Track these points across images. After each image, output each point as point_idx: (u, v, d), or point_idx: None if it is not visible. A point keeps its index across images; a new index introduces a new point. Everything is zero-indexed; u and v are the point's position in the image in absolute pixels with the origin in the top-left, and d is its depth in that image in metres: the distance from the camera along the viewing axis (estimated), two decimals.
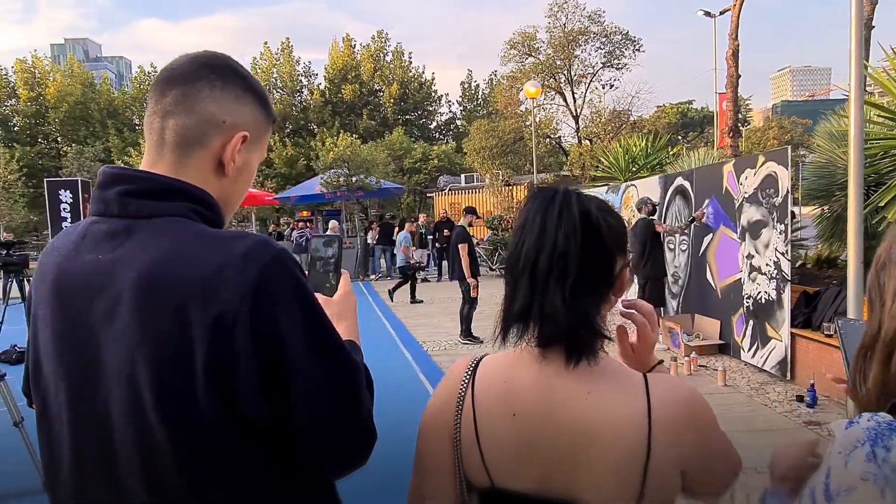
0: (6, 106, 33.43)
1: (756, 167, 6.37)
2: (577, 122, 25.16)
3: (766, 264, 6.16)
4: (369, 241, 16.89)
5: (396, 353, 8.00)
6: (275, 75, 34.92)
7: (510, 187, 25.23)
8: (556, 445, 0.98)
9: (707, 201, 7.46)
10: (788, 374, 5.86)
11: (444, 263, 16.02)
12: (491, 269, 16.41)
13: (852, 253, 4.80)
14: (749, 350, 6.51)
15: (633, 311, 1.14)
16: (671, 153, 12.61)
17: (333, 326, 0.96)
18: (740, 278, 6.66)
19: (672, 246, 8.48)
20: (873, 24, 7.75)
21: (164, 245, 0.88)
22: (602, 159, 12.90)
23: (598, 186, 12.48)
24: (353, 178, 16.69)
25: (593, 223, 0.97)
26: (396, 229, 17.76)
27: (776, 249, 6.00)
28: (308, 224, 19.95)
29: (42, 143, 33.69)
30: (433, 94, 37.67)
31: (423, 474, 1.08)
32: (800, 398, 5.28)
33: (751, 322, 6.47)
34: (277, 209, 28.72)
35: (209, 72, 0.98)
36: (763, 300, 6.23)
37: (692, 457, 0.97)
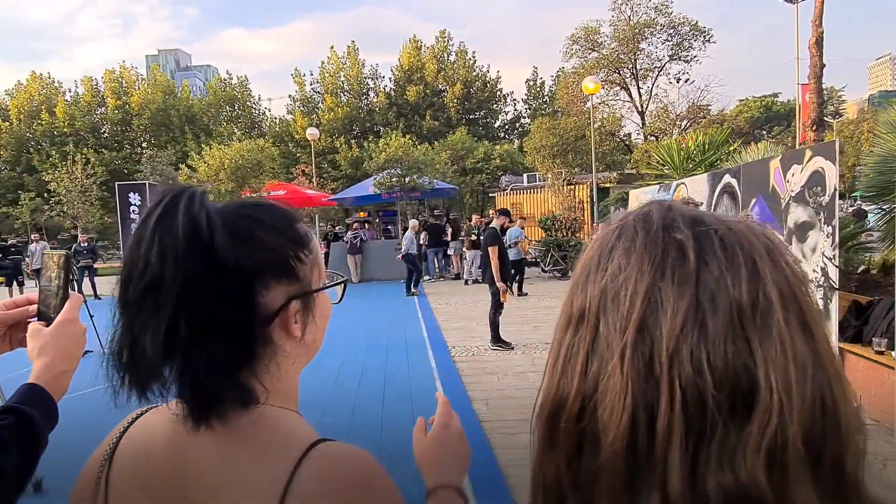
0: (96, 114, 35.69)
1: (803, 162, 5.76)
2: (642, 119, 24.19)
3: (814, 270, 5.55)
4: (421, 242, 16.76)
5: (423, 358, 7.81)
6: (342, 78, 35.58)
7: (572, 186, 24.60)
8: None
9: (753, 201, 6.84)
10: None
11: None
12: (543, 272, 15.97)
13: None
14: None
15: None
16: (731, 149, 11.77)
17: None
18: None
19: None
20: None
21: None
22: (656, 156, 12.22)
23: (652, 184, 11.83)
24: (406, 179, 16.65)
25: (204, 238, 0.69)
26: (450, 230, 17.61)
27: (823, 254, 5.39)
28: (365, 225, 20.12)
29: (128, 149, 35.71)
30: (498, 92, 37.32)
31: None
32: None
33: None
34: (347, 210, 29.17)
35: None
36: None
37: None
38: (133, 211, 17.28)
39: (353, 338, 9.38)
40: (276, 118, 39.24)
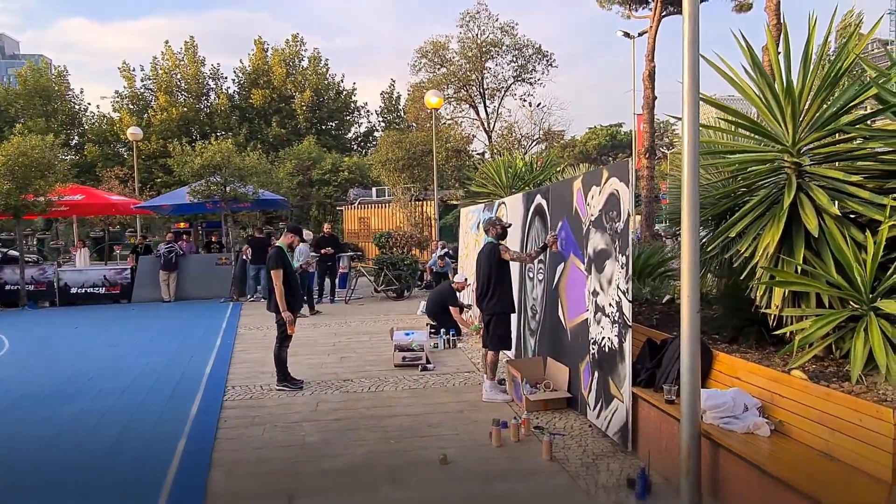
0: None
1: (601, 184, 5.22)
2: (489, 137, 24.20)
3: (609, 304, 4.99)
4: (245, 258, 15.10)
5: (187, 402, 6.43)
6: (178, 76, 32.63)
7: (420, 202, 24.04)
8: None
9: (560, 224, 6.29)
10: (630, 445, 4.66)
11: (326, 283, 14.51)
12: (376, 291, 14.98)
13: (686, 299, 3.63)
14: (594, 408, 5.30)
15: None
16: (559, 169, 11.58)
17: None
18: (587, 319, 5.48)
19: (532, 275, 7.29)
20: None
21: None
22: (485, 173, 11.73)
23: (480, 202, 11.30)
24: (227, 188, 14.96)
25: None
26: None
27: (618, 287, 4.83)
28: (183, 237, 18.02)
29: None
30: (352, 103, 36.18)
31: None
32: (630, 483, 4.06)
33: (596, 373, 5.28)
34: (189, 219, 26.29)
35: None
36: (606, 348, 5.04)
37: None
38: None
39: (116, 375, 7.73)
40: (104, 115, 35.17)
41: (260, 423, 5.72)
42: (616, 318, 4.84)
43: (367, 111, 37.45)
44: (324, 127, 34.93)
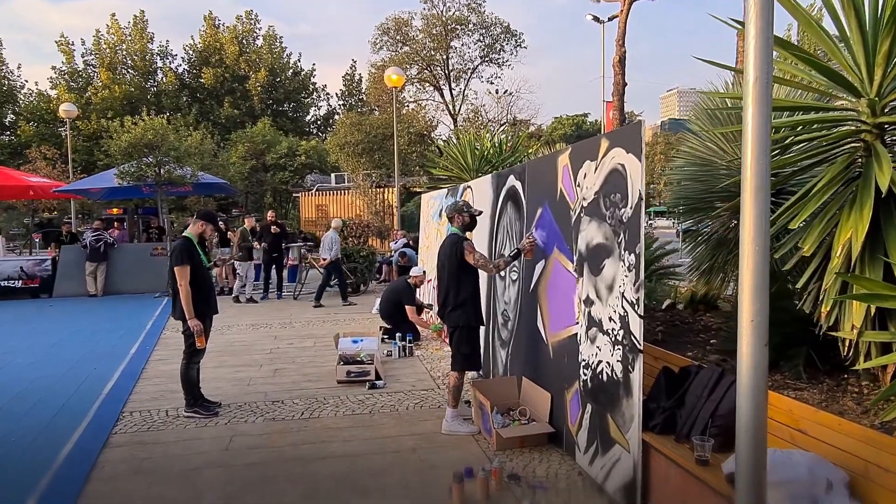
0: None
1: (598, 158, 3.96)
2: (454, 122, 22.87)
3: (610, 318, 3.74)
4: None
5: (65, 433, 5.00)
6: (123, 52, 30.37)
7: (381, 189, 22.66)
8: None
9: (539, 211, 5.03)
10: None
11: (273, 277, 13.08)
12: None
13: (747, 325, 2.39)
14: (586, 451, 4.07)
15: None
16: (531, 151, 10.36)
17: None
18: (576, 334, 4.24)
19: (503, 273, 6.02)
20: None
21: None
22: (449, 156, 10.45)
23: (443, 187, 10.00)
24: (161, 170, 13.32)
25: None
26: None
27: (623, 295, 3.58)
28: (115, 225, 16.26)
29: None
30: (310, 85, 34.36)
31: None
32: None
33: (589, 406, 4.04)
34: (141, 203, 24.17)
35: None
36: (605, 376, 3.80)
37: None
38: None
39: None
40: (41, 92, 32.63)
41: (148, 469, 4.33)
42: (619, 338, 3.60)
43: (328, 94, 35.68)
44: (280, 109, 33.09)
